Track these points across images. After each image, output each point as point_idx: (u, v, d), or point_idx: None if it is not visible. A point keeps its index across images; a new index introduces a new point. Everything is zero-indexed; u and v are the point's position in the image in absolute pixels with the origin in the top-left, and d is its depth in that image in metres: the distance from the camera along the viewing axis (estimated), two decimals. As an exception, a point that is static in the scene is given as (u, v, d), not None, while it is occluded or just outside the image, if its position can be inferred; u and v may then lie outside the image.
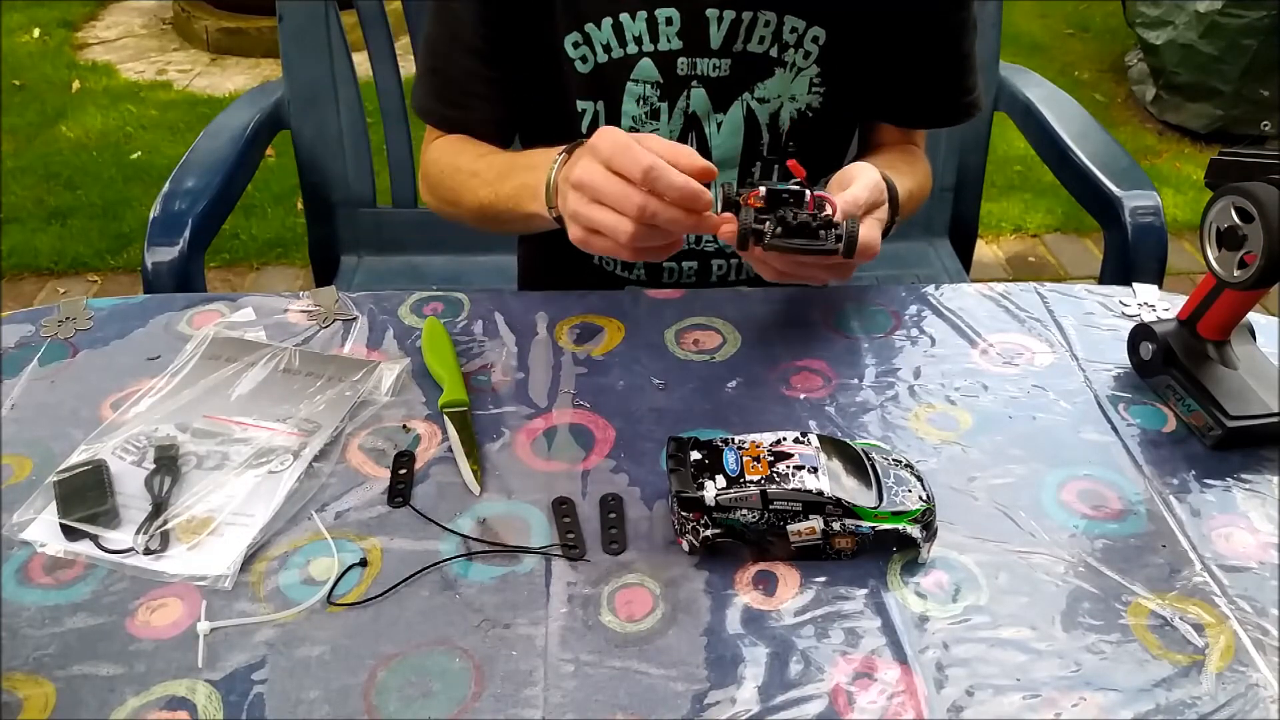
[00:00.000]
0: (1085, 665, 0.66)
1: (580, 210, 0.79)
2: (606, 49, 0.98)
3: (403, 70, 1.51)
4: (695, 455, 0.75)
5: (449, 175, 1.03)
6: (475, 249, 1.57)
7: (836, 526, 0.72)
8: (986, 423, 0.86)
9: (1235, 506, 0.78)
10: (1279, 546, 0.75)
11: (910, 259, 1.61)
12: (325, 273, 1.60)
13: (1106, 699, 0.64)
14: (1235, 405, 0.83)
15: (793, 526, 0.72)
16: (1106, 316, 0.99)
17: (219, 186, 1.34)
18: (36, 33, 3.78)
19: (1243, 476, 0.81)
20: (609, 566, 0.72)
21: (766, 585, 0.71)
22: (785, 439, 0.75)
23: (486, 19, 0.98)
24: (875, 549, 0.73)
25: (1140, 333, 0.91)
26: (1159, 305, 1.01)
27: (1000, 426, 0.85)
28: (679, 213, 0.77)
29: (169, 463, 0.79)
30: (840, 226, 0.79)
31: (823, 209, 0.80)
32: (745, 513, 0.71)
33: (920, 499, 0.74)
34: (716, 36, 0.97)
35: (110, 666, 0.65)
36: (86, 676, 0.64)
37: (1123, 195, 1.34)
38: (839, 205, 0.80)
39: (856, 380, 0.90)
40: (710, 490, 0.71)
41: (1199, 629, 0.68)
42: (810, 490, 0.71)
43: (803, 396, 0.88)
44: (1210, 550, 0.74)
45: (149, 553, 0.72)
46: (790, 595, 0.70)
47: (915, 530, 0.72)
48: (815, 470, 0.73)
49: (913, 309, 1.00)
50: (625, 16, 0.97)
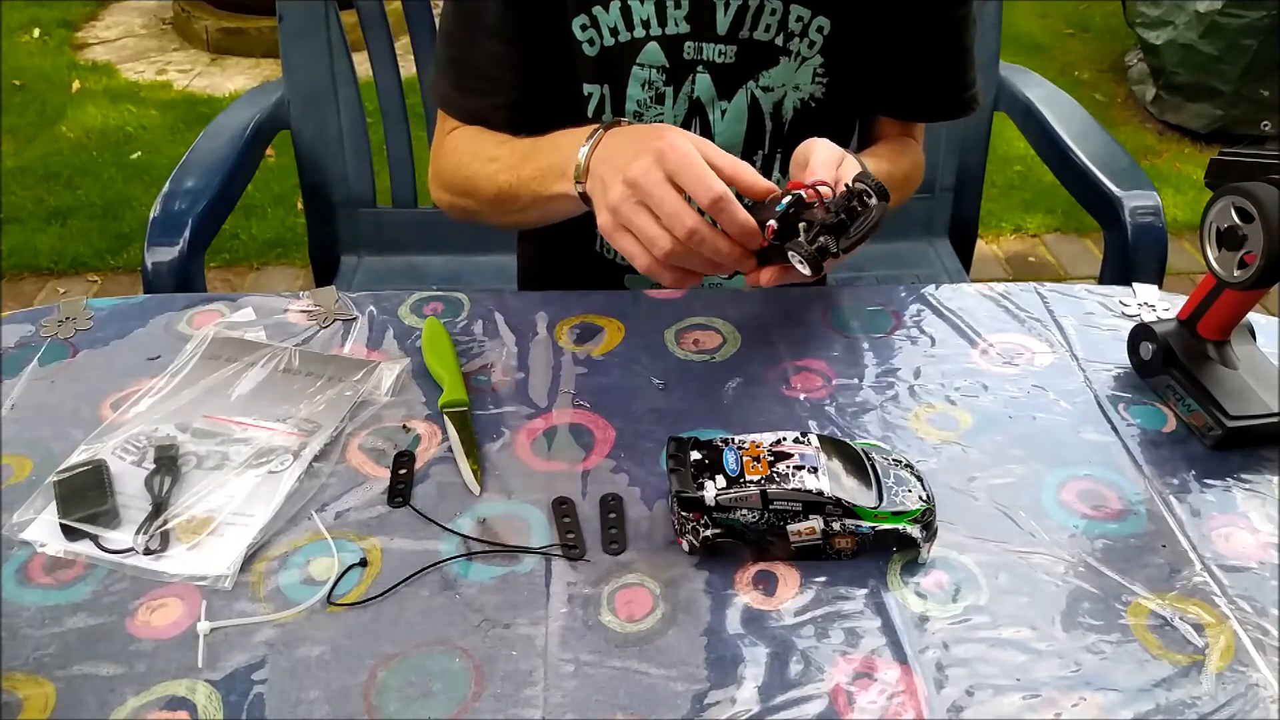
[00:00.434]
0: (1085, 665, 0.66)
1: (623, 208, 0.77)
2: (614, 32, 0.98)
3: (403, 70, 1.51)
4: (695, 455, 0.75)
5: (465, 164, 1.01)
6: (475, 249, 1.58)
7: (836, 526, 0.72)
8: (986, 423, 0.86)
9: (1235, 506, 0.78)
10: (1279, 546, 0.75)
11: (910, 259, 1.61)
12: (325, 273, 1.60)
13: (1106, 699, 0.64)
14: (1235, 405, 0.83)
15: (793, 526, 0.72)
16: (1106, 316, 0.99)
17: (219, 186, 1.34)
18: (36, 33, 3.78)
19: (1243, 476, 0.81)
20: (609, 566, 0.72)
21: (766, 585, 0.71)
22: (785, 439, 0.75)
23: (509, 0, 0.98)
24: (875, 549, 0.73)
25: (1140, 333, 0.91)
26: (1159, 305, 1.01)
27: (1000, 426, 0.85)
28: (727, 246, 0.76)
29: (169, 463, 0.79)
30: (853, 192, 0.76)
31: (822, 194, 0.78)
32: (745, 513, 0.71)
33: (920, 499, 0.74)
34: (723, 22, 0.98)
35: (110, 666, 0.65)
36: (86, 676, 0.64)
37: (1123, 195, 1.34)
38: (827, 179, 0.78)
39: (856, 380, 0.90)
40: (710, 490, 0.71)
41: (1199, 629, 0.68)
42: (810, 490, 0.71)
43: (803, 396, 0.88)
44: (1210, 550, 0.74)
45: (149, 553, 0.72)
46: (790, 595, 0.70)
47: (915, 530, 0.72)
48: (815, 470, 0.73)
49: (913, 309, 1.00)
50: (634, 0, 0.97)
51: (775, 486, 0.71)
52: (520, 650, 0.66)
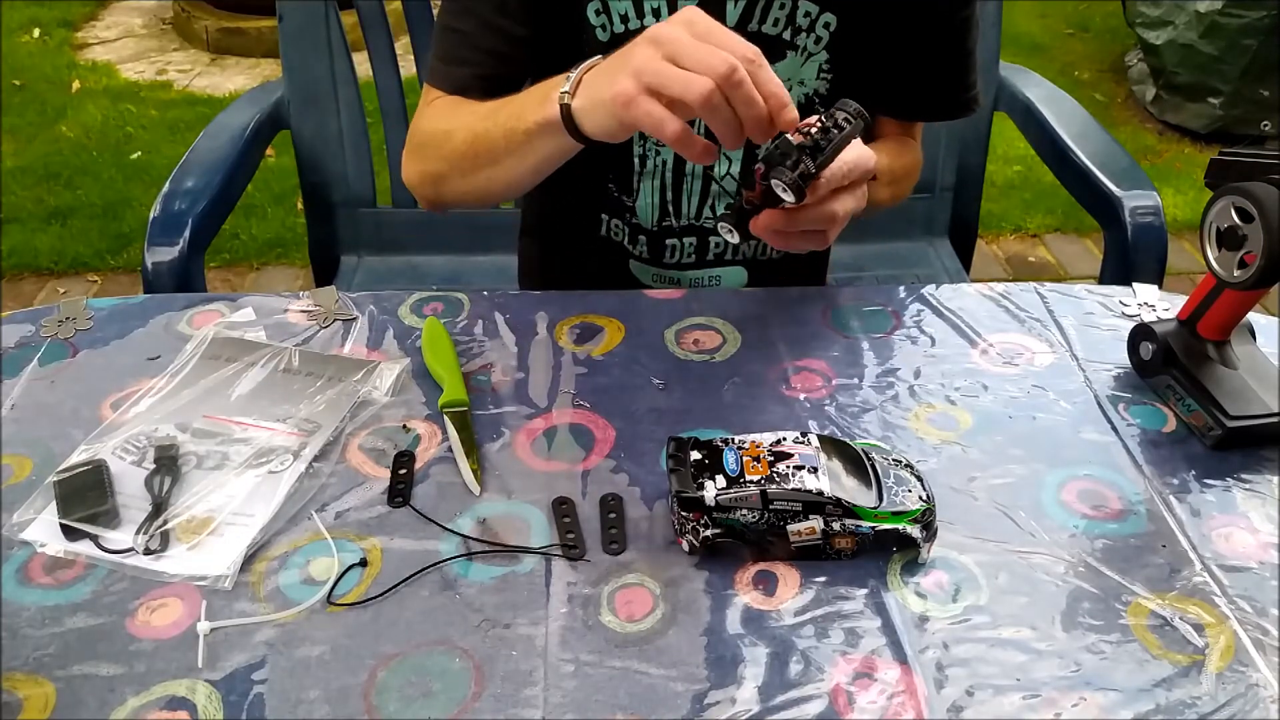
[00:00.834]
0: (1085, 665, 0.66)
1: (648, 66, 0.72)
2: (624, 19, 0.98)
3: (403, 70, 1.51)
4: (695, 455, 0.75)
5: (440, 122, 0.98)
6: (475, 249, 1.58)
7: (836, 526, 0.72)
8: (986, 423, 0.86)
9: (1235, 506, 0.78)
10: (1279, 546, 0.75)
11: (910, 259, 1.61)
12: (325, 273, 1.60)
13: (1106, 699, 0.64)
14: (1235, 405, 0.83)
15: (793, 526, 0.72)
16: (1106, 316, 0.99)
17: (219, 186, 1.34)
18: (36, 33, 3.78)
19: (1243, 476, 0.81)
20: (609, 566, 0.72)
21: (766, 585, 0.71)
22: (785, 439, 0.75)
23: None
24: (875, 549, 0.73)
25: (1140, 333, 0.91)
26: (1159, 305, 1.01)
27: (1000, 426, 0.85)
28: (761, 105, 0.73)
29: (169, 463, 0.79)
30: (832, 116, 0.77)
31: (798, 137, 0.78)
32: (745, 513, 0.71)
33: (920, 499, 0.74)
34: (733, 14, 0.98)
35: (110, 666, 0.65)
36: (86, 676, 0.64)
37: (1123, 195, 1.34)
38: (791, 115, 0.77)
39: (856, 380, 0.90)
40: (710, 490, 0.71)
41: (1199, 629, 0.68)
42: (810, 490, 0.71)
43: (803, 396, 0.88)
44: (1210, 550, 0.74)
45: (149, 553, 0.72)
46: (790, 595, 0.70)
47: (915, 530, 0.72)
48: (815, 470, 0.73)
49: (913, 309, 1.00)
50: None
51: (775, 486, 0.71)
52: (520, 650, 0.66)
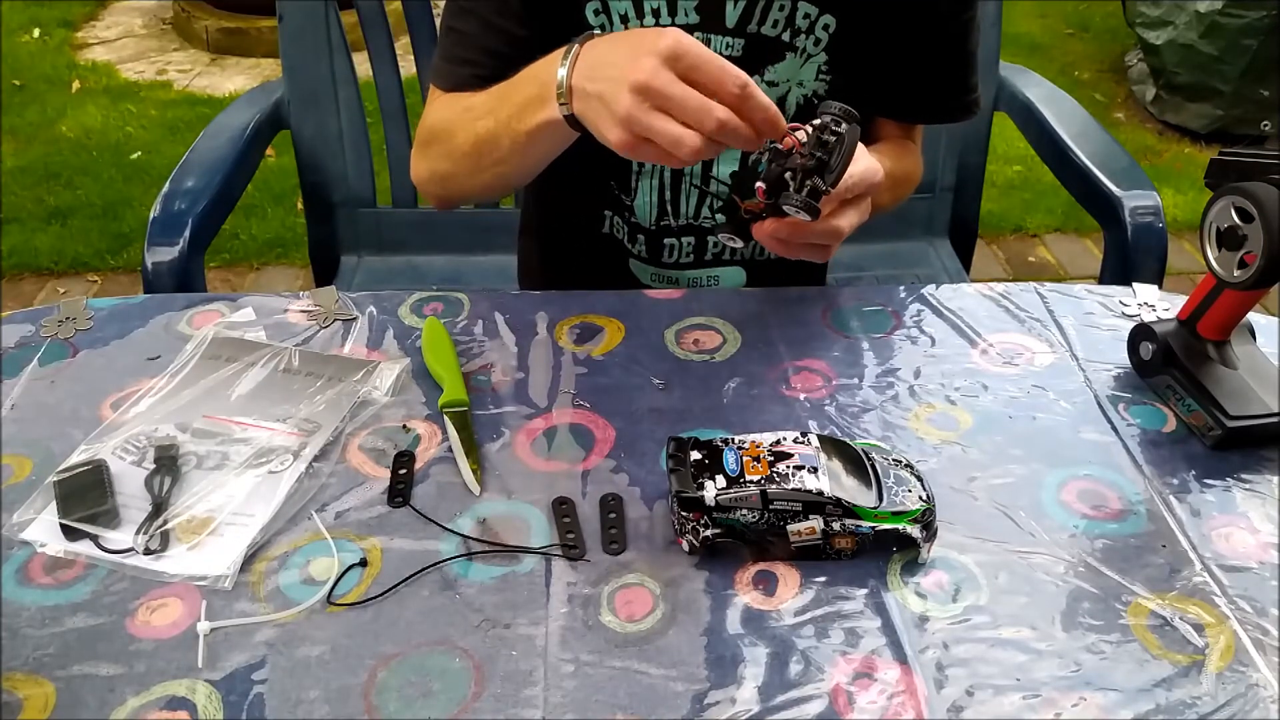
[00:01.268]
0: (1085, 665, 0.66)
1: (639, 117, 0.73)
2: (624, 19, 0.99)
3: (403, 70, 1.51)
4: (695, 455, 0.75)
5: (443, 124, 0.99)
6: (475, 249, 1.58)
7: (836, 526, 0.72)
8: (986, 423, 0.86)
9: (1235, 506, 0.78)
10: (1279, 546, 0.75)
11: (910, 259, 1.61)
12: (325, 273, 1.60)
13: (1106, 699, 0.64)
14: (1235, 405, 0.83)
15: (793, 526, 0.72)
16: (1106, 316, 0.99)
17: (219, 186, 1.34)
18: (36, 33, 3.78)
19: (1243, 476, 0.81)
20: (609, 566, 0.72)
21: (766, 585, 0.71)
22: (785, 439, 0.75)
23: None
24: (875, 549, 0.73)
25: (1140, 333, 0.91)
26: (1159, 305, 1.01)
27: (1000, 426, 0.85)
28: (751, 133, 0.74)
29: (169, 463, 0.79)
30: (822, 126, 0.76)
31: (789, 141, 0.78)
32: (745, 513, 0.71)
33: (920, 499, 0.74)
34: (732, 15, 0.98)
35: (110, 666, 0.65)
36: (86, 676, 0.64)
37: (1123, 195, 1.34)
38: (787, 127, 0.78)
39: (856, 380, 0.90)
40: (710, 490, 0.71)
41: (1199, 629, 0.68)
42: (810, 490, 0.71)
43: (803, 396, 0.88)
44: (1210, 550, 0.74)
45: (149, 553, 0.72)
46: (790, 595, 0.70)
47: (915, 530, 0.72)
48: (815, 470, 0.73)
49: (913, 309, 1.00)
50: None
51: (775, 486, 0.71)
52: (520, 650, 0.66)
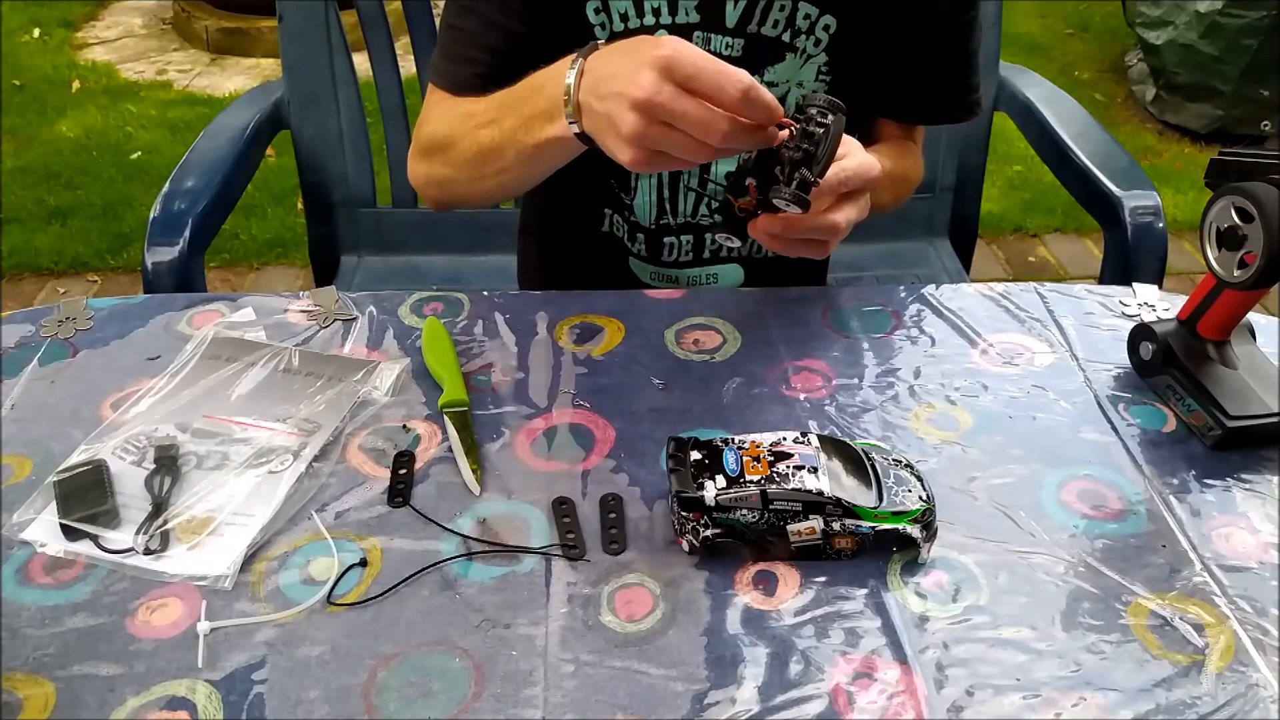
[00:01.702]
0: (1085, 665, 0.66)
1: (648, 133, 0.73)
2: (624, 18, 0.98)
3: (403, 70, 1.51)
4: (695, 455, 0.75)
5: (443, 130, 0.98)
6: (475, 249, 1.58)
7: (836, 526, 0.72)
8: (986, 423, 0.86)
9: (1235, 506, 0.78)
10: (1279, 546, 0.75)
11: (910, 259, 1.61)
12: (325, 273, 1.60)
13: (1106, 699, 0.64)
14: (1235, 405, 0.83)
15: (793, 526, 0.72)
16: (1106, 316, 0.99)
17: (219, 186, 1.34)
18: (36, 33, 3.78)
19: (1243, 476, 0.81)
20: (609, 566, 0.72)
21: (766, 585, 0.71)
22: (785, 439, 0.75)
23: None
24: (875, 549, 0.73)
25: (1140, 333, 0.91)
26: (1159, 305, 1.01)
27: (1000, 426, 0.85)
28: (760, 133, 0.74)
29: (169, 463, 0.79)
30: (807, 118, 0.76)
31: (782, 134, 0.77)
32: (745, 513, 0.71)
33: (920, 499, 0.74)
34: (733, 15, 0.98)
35: (110, 666, 0.65)
36: (86, 676, 0.64)
37: (1123, 195, 1.34)
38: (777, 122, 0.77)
39: (856, 380, 0.90)
40: (710, 490, 0.71)
41: (1199, 629, 0.68)
42: (810, 490, 0.71)
43: (803, 396, 0.88)
44: (1210, 550, 0.74)
45: (149, 553, 0.72)
46: (790, 595, 0.70)
47: (915, 530, 0.72)
48: (815, 470, 0.73)
49: (913, 309, 1.00)
50: None
51: (775, 486, 0.71)
52: (520, 650, 0.66)
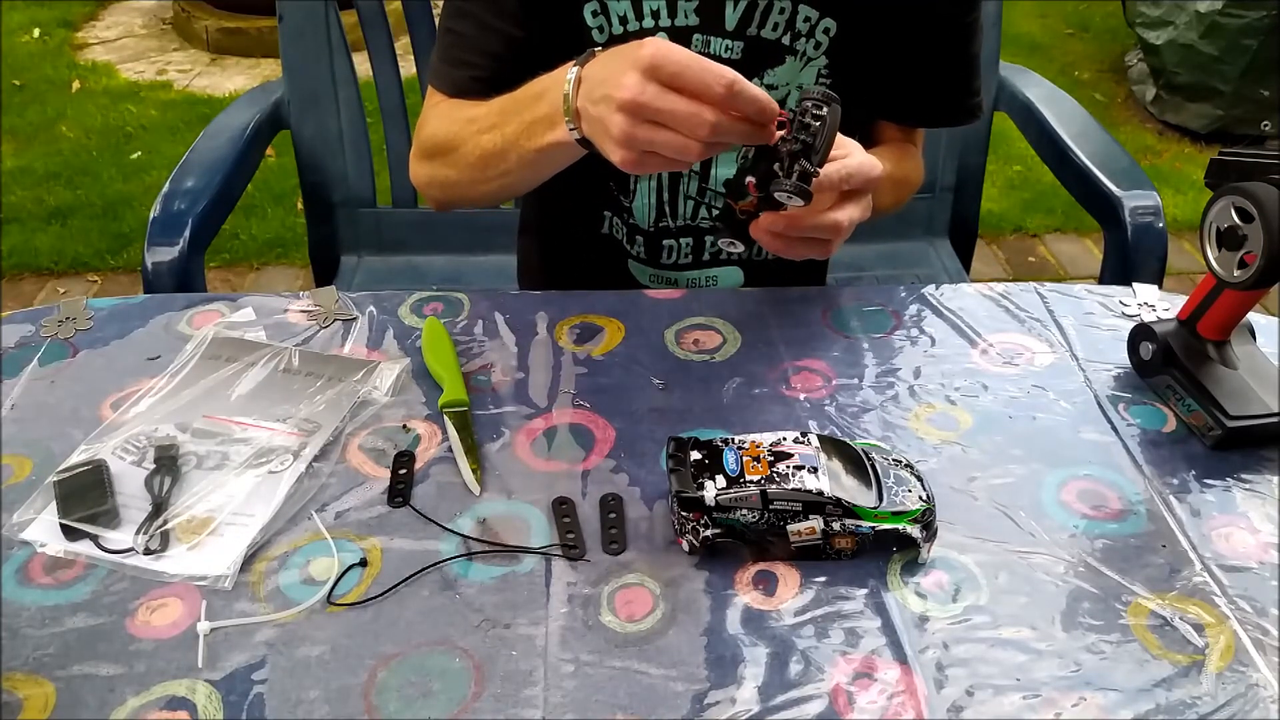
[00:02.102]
0: (1085, 665, 0.66)
1: (636, 133, 0.74)
2: (623, 20, 0.98)
3: (403, 70, 1.51)
4: (695, 455, 0.75)
5: (444, 128, 0.99)
6: (475, 249, 1.58)
7: (836, 526, 0.72)
8: (986, 423, 0.86)
9: (1235, 506, 0.78)
10: (1279, 546, 0.75)
11: (910, 259, 1.61)
12: (325, 273, 1.60)
13: (1106, 699, 0.64)
14: (1235, 405, 0.83)
15: (793, 526, 0.72)
16: (1106, 316, 0.99)
17: (219, 186, 1.34)
18: (36, 33, 3.78)
19: (1243, 476, 0.81)
20: (609, 566, 0.72)
21: (766, 585, 0.71)
22: (785, 439, 0.75)
23: None
24: (875, 549, 0.73)
25: (1140, 333, 0.91)
26: (1159, 305, 1.01)
27: (1000, 426, 0.85)
28: (749, 127, 0.74)
29: (169, 463, 0.79)
30: (803, 110, 0.76)
31: (779, 133, 0.77)
32: (745, 513, 0.71)
33: (920, 499, 0.74)
34: (732, 18, 0.98)
35: (110, 666, 0.65)
36: (86, 676, 0.64)
37: (1123, 195, 1.34)
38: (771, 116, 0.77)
39: (856, 380, 0.90)
40: (710, 490, 0.71)
41: (1199, 629, 0.68)
42: (810, 490, 0.71)
43: (803, 396, 0.88)
44: (1210, 550, 0.74)
45: (149, 553, 0.72)
46: (790, 595, 0.70)
47: (915, 530, 0.72)
48: (815, 470, 0.73)
49: (913, 309, 1.00)
50: None
51: (775, 486, 0.71)
52: (520, 650, 0.66)
